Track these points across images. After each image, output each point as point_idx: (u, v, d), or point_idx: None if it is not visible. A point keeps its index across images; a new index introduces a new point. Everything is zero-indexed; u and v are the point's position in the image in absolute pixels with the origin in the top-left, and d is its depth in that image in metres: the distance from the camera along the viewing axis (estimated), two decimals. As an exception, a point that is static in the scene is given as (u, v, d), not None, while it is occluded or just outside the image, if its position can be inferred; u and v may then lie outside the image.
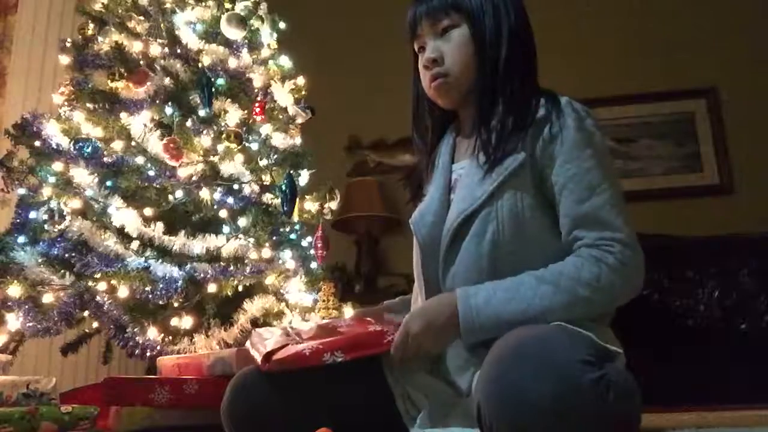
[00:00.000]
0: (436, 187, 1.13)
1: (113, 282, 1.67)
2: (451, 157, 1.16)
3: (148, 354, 1.73)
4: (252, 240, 1.82)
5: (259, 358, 1.03)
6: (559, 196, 1.00)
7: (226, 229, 1.84)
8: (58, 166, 1.79)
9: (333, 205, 2.08)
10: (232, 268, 1.76)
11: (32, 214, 1.80)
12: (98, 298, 1.69)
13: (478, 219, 1.01)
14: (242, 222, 1.85)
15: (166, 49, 1.98)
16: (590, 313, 0.96)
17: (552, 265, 0.97)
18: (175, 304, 1.77)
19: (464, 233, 1.03)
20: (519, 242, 1.00)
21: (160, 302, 1.71)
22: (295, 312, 1.87)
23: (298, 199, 1.87)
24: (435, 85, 1.11)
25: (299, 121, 2.13)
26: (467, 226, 1.02)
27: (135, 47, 1.93)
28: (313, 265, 2.02)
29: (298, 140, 2.13)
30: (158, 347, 1.72)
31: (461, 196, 1.06)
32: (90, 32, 2.02)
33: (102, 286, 1.68)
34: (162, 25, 2.01)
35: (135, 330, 1.72)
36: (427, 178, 1.18)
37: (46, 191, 1.78)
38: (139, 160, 1.81)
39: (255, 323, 1.80)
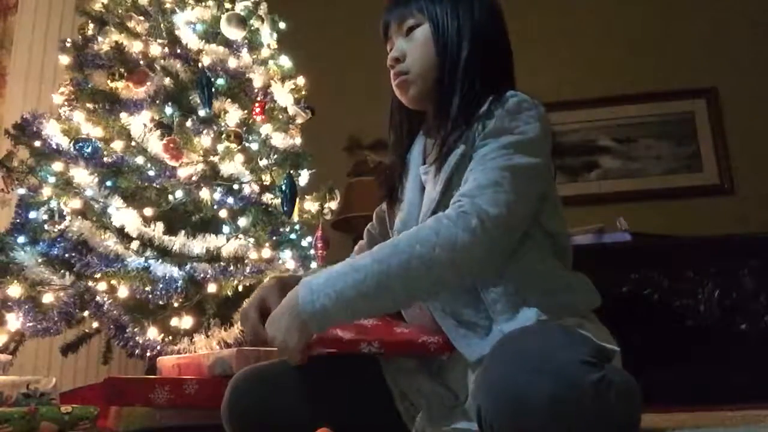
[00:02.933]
0: (411, 191, 1.13)
1: (113, 282, 1.67)
2: (423, 158, 1.15)
3: (148, 354, 1.73)
4: (252, 240, 1.82)
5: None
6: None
7: (226, 229, 1.84)
8: (58, 166, 1.79)
9: (333, 205, 2.08)
10: (232, 268, 1.76)
11: (32, 214, 1.80)
12: (98, 298, 1.69)
13: None
14: (242, 222, 1.85)
15: (166, 49, 1.98)
16: (432, 276, 0.90)
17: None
18: (175, 304, 1.77)
19: None
20: None
21: (160, 302, 1.72)
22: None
23: (298, 199, 1.88)
24: (396, 83, 1.12)
25: (299, 121, 2.13)
26: None
27: (135, 47, 1.93)
28: (313, 265, 2.02)
29: (298, 140, 2.12)
30: (158, 347, 1.73)
31: (425, 201, 1.07)
32: (90, 32, 2.02)
33: (102, 286, 1.68)
34: (162, 25, 2.01)
35: (135, 330, 1.72)
36: (400, 179, 1.17)
37: (46, 191, 1.78)
38: (139, 160, 1.81)
39: (255, 323, 1.80)
